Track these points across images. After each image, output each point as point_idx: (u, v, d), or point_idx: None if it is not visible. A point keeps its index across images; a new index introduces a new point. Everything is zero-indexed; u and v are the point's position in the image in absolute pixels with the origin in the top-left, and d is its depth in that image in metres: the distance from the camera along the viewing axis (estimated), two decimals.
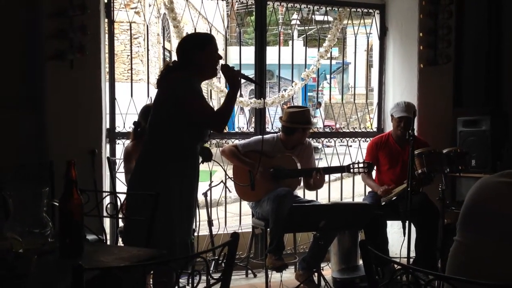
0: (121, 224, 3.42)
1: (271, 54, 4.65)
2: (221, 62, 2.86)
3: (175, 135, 2.65)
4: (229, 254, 1.52)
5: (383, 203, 3.86)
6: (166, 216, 2.50)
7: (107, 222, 3.72)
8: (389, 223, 4.04)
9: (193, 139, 2.71)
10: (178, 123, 2.63)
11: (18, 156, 3.53)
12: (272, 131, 4.45)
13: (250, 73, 3.64)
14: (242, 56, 4.64)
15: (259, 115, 4.50)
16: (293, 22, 9.92)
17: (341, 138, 4.77)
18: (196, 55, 2.72)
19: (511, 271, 1.42)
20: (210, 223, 4.14)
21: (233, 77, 2.73)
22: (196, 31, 4.05)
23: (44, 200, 1.82)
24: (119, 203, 2.41)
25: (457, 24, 4.58)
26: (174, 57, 2.86)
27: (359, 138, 4.78)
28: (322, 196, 4.58)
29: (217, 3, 4.40)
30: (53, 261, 1.71)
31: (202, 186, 4.29)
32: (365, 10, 4.76)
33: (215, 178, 4.28)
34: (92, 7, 3.63)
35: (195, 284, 1.41)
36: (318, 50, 4.65)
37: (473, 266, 1.50)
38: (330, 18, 5.39)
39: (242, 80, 2.83)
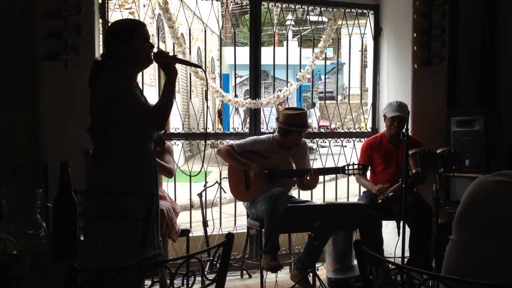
0: None
1: (266, 54, 4.65)
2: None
3: (117, 141, 2.44)
4: (224, 254, 1.52)
5: (379, 201, 3.87)
6: (131, 225, 2.27)
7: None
8: (383, 223, 4.05)
9: (137, 141, 2.48)
10: (114, 128, 2.42)
11: (12, 157, 3.51)
12: (267, 131, 4.46)
13: (245, 73, 3.63)
14: (237, 57, 4.64)
15: (254, 115, 4.50)
16: (288, 22, 9.93)
17: (336, 139, 4.78)
18: (124, 47, 2.43)
19: (507, 271, 1.43)
20: (205, 223, 4.14)
21: (168, 64, 2.44)
22: (124, 18, 3.74)
23: (38, 201, 1.81)
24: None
25: (451, 25, 4.61)
26: None
27: (354, 139, 4.79)
28: (317, 196, 4.58)
29: (212, 3, 4.39)
30: (47, 262, 1.70)
31: (197, 187, 4.31)
32: (359, 11, 4.77)
33: (210, 179, 4.28)
34: (86, 7, 3.62)
35: (190, 285, 1.41)
36: (313, 50, 4.65)
37: (469, 266, 1.50)
38: (325, 19, 5.40)
39: (237, 80, 2.77)
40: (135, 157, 2.47)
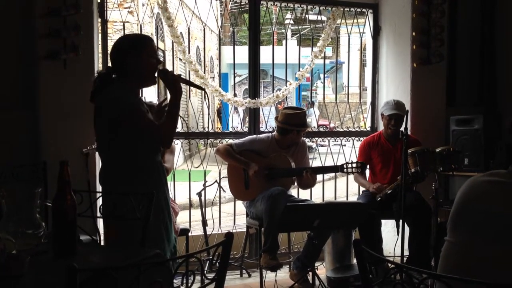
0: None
1: (265, 53, 4.65)
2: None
3: (124, 156, 2.45)
4: (223, 254, 1.52)
5: (378, 199, 3.87)
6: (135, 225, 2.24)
7: (100, 223, 3.70)
8: (382, 222, 4.05)
9: (146, 153, 2.49)
10: (121, 144, 2.43)
11: (11, 157, 3.51)
12: (266, 130, 4.46)
13: (244, 72, 3.62)
14: (236, 56, 4.64)
15: (253, 114, 4.50)
16: (287, 21, 9.92)
17: (335, 138, 4.78)
18: (131, 61, 2.45)
19: (502, 271, 1.43)
20: (204, 223, 4.14)
21: (173, 82, 2.49)
22: (132, 33, 3.76)
23: (37, 201, 1.81)
24: None
25: (450, 23, 4.61)
26: (169, 57, 2.76)
27: (353, 138, 4.79)
28: (316, 195, 4.58)
29: (211, 2, 4.39)
30: (47, 262, 1.70)
31: (196, 186, 4.30)
32: (359, 10, 4.77)
33: (209, 178, 4.28)
34: (85, 6, 3.61)
35: (189, 284, 1.41)
36: (312, 49, 4.65)
37: (464, 266, 1.50)
38: (324, 18, 5.41)
39: (237, 79, 2.76)
40: (142, 169, 2.47)
